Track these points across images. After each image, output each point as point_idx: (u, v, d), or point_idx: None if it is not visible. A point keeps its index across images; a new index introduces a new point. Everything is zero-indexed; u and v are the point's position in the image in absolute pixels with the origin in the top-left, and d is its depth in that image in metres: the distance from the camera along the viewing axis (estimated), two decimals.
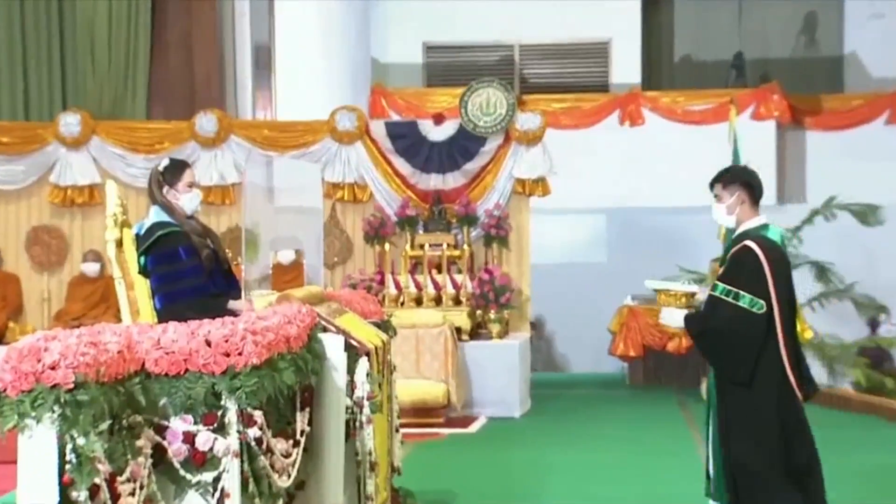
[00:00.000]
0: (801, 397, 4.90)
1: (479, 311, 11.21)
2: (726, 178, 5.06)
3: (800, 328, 6.10)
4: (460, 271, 11.27)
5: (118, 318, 5.36)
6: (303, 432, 4.06)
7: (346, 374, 4.52)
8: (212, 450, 3.32)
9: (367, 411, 4.65)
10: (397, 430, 5.94)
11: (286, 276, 11.20)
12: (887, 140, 14.60)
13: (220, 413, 3.35)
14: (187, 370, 3.32)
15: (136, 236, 5.22)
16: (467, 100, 11.60)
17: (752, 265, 4.81)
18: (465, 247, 11.43)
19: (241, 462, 3.39)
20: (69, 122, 11.92)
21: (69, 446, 2.81)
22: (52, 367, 2.80)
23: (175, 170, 5.32)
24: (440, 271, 11.22)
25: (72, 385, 2.80)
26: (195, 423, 3.32)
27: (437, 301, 11.13)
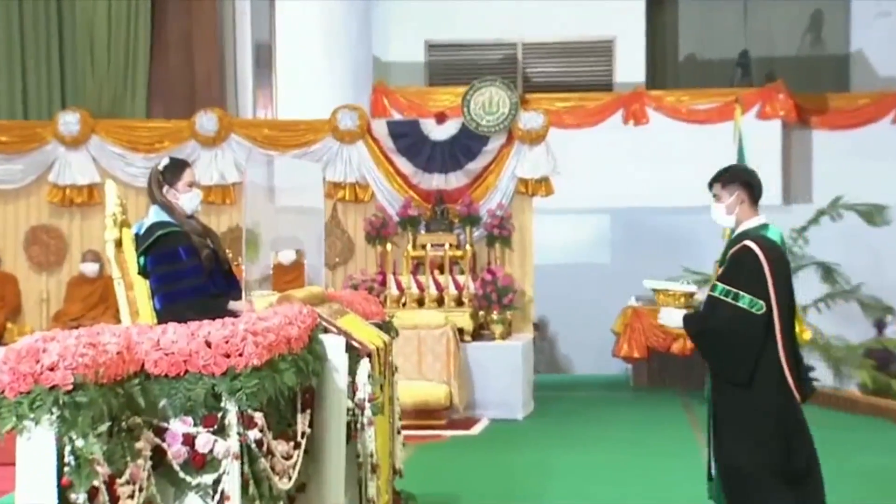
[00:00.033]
0: (798, 398, 4.87)
1: (481, 312, 11.20)
2: (725, 178, 5.02)
3: (798, 329, 6.07)
4: (463, 272, 11.27)
5: (117, 319, 5.35)
6: (304, 434, 4.05)
7: (348, 375, 4.51)
8: (212, 452, 3.31)
9: (368, 413, 4.64)
10: (399, 432, 5.93)
11: (287, 276, 11.13)
12: (894, 139, 14.55)
13: (220, 415, 3.34)
14: (187, 371, 3.32)
15: (136, 236, 5.20)
16: (470, 99, 11.59)
17: (752, 265, 4.77)
18: (468, 247, 11.42)
19: (242, 464, 3.38)
20: (68, 121, 11.92)
21: (68, 448, 2.80)
22: (51, 369, 2.79)
23: (175, 169, 5.30)
24: (442, 272, 11.23)
25: (70, 386, 2.79)
26: (195, 425, 3.31)
27: (440, 302, 11.14)
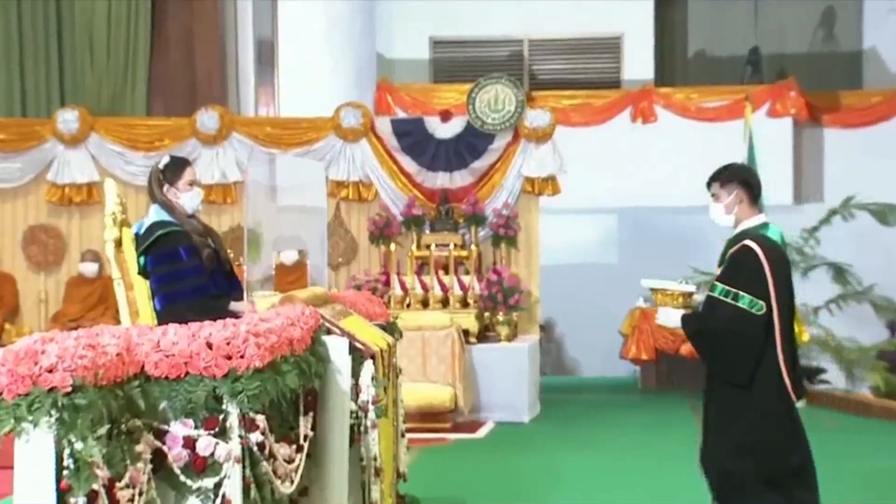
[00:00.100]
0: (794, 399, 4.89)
1: (486, 313, 11.15)
2: (724, 177, 5.01)
3: (798, 330, 6.06)
4: (468, 272, 11.24)
5: (117, 320, 5.37)
6: (306, 437, 4.06)
7: (351, 377, 4.51)
8: (213, 455, 3.31)
9: (371, 416, 4.64)
10: (403, 435, 5.95)
11: (289, 276, 11.15)
12: None
13: (221, 417, 3.34)
14: (188, 373, 3.33)
15: (136, 236, 5.20)
16: (475, 96, 11.54)
17: (752, 265, 4.75)
18: (473, 247, 11.38)
19: (243, 468, 3.38)
20: (67, 119, 11.88)
21: (67, 451, 2.79)
22: (50, 370, 2.79)
23: (175, 168, 5.30)
24: (447, 272, 11.19)
25: (69, 388, 2.79)
26: (196, 428, 3.32)
27: (444, 303, 11.11)
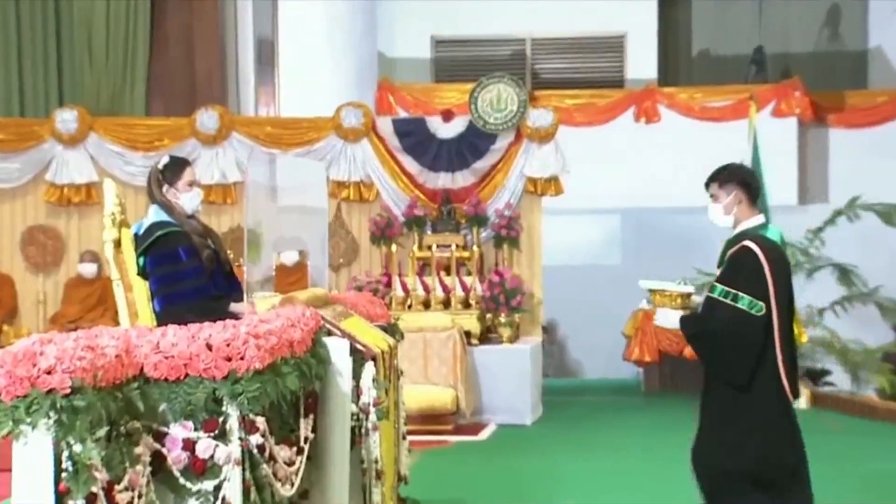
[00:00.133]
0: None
1: (488, 315, 11.14)
2: (722, 177, 5.00)
3: (797, 331, 6.06)
4: (469, 273, 11.23)
5: (116, 321, 5.40)
6: (306, 439, 4.06)
7: (352, 379, 4.51)
8: (212, 457, 3.32)
9: (372, 418, 4.64)
10: (404, 438, 5.93)
11: (290, 277, 11.08)
12: None
13: (221, 419, 3.35)
14: (187, 375, 3.33)
15: (135, 236, 5.21)
16: (477, 96, 11.51)
17: (752, 266, 4.75)
18: (475, 248, 11.37)
19: (243, 470, 3.39)
20: (66, 119, 11.86)
21: (65, 453, 2.80)
22: (48, 372, 2.79)
23: (175, 168, 5.30)
24: (449, 273, 11.19)
25: (68, 390, 2.80)
26: (195, 430, 3.33)
27: (446, 304, 11.10)
